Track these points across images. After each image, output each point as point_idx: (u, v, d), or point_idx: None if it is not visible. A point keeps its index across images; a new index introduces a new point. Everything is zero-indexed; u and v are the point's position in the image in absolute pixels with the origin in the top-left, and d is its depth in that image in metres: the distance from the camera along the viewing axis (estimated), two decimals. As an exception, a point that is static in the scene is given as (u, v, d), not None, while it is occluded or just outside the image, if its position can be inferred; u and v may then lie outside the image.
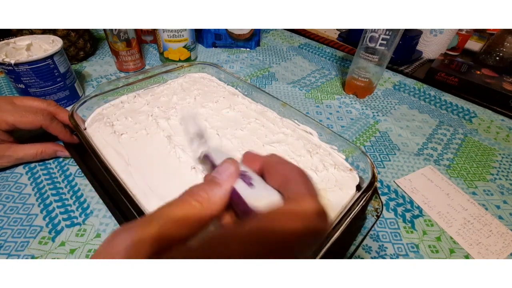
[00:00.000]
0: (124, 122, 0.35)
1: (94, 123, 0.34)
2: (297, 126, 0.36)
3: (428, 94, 0.58)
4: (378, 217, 0.28)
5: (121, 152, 0.31)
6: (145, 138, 0.33)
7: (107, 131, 0.33)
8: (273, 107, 0.39)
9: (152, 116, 0.36)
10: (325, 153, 0.33)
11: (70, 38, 0.53)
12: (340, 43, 0.79)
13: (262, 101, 0.40)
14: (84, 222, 0.30)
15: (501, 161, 0.43)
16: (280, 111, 0.38)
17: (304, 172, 0.17)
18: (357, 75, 0.52)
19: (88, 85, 0.52)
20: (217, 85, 0.44)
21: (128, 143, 0.32)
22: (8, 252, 0.27)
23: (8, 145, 0.32)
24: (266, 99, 0.40)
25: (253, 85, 0.41)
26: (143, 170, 0.29)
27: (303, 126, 0.36)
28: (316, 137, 0.35)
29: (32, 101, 0.34)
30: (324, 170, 0.30)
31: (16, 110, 0.32)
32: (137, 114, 0.36)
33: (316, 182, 0.29)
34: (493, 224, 0.33)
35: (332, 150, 0.33)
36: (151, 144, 0.32)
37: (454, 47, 0.77)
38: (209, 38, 0.69)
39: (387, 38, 0.46)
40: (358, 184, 0.30)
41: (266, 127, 0.36)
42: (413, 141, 0.46)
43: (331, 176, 0.30)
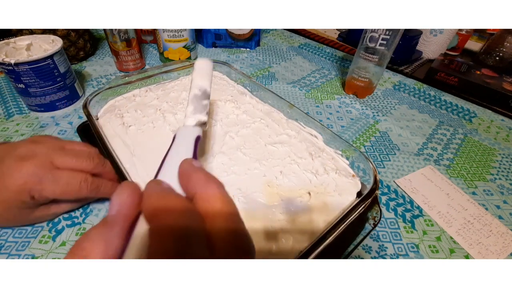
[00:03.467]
0: (134, 114, 0.36)
1: (106, 114, 0.36)
2: (303, 129, 0.36)
3: (428, 94, 0.58)
4: (375, 225, 0.27)
5: (128, 142, 0.32)
6: (151, 131, 0.34)
7: (117, 122, 0.34)
8: (280, 108, 0.39)
9: (160, 110, 0.37)
10: (328, 157, 0.32)
11: (70, 38, 0.53)
12: (340, 43, 0.79)
13: (270, 102, 0.40)
14: (84, 221, 0.30)
15: (501, 161, 0.43)
16: (286, 112, 0.38)
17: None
18: (357, 75, 0.52)
19: (88, 85, 0.52)
20: (227, 84, 0.45)
21: (135, 134, 0.33)
22: (8, 252, 0.27)
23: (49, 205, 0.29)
24: (274, 100, 0.40)
25: (262, 86, 0.41)
26: (146, 161, 0.30)
27: (308, 129, 0.35)
28: (321, 141, 0.34)
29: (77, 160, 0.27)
30: (325, 174, 0.30)
31: (58, 182, 0.26)
32: (146, 107, 0.37)
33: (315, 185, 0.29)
34: (493, 224, 0.33)
35: (336, 154, 0.33)
36: (156, 137, 0.33)
37: (454, 47, 0.77)
38: (209, 38, 0.69)
39: (387, 38, 0.46)
40: (360, 190, 0.29)
41: (270, 127, 0.36)
42: (413, 141, 0.46)
43: (331, 181, 0.30)
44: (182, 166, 0.18)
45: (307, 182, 0.29)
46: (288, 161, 0.31)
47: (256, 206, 0.26)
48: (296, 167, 0.31)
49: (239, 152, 0.32)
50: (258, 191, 0.28)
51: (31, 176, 0.25)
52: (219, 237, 0.14)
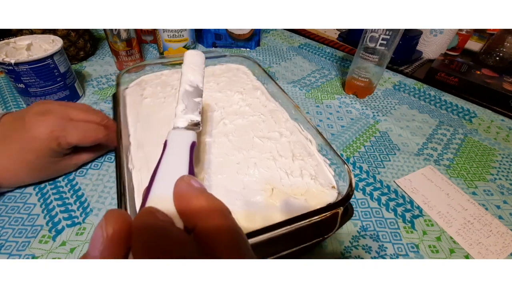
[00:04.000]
0: (153, 89, 0.40)
1: (134, 86, 0.41)
2: (301, 131, 0.35)
3: (428, 94, 0.58)
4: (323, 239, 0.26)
5: (138, 111, 0.36)
6: (161, 105, 0.37)
7: (138, 93, 0.39)
8: (287, 108, 0.39)
9: (175, 89, 0.40)
10: (313, 163, 0.31)
11: (70, 38, 0.53)
12: (340, 43, 0.79)
13: (280, 101, 0.40)
14: (84, 221, 0.30)
15: (501, 161, 0.43)
16: (291, 113, 0.38)
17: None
18: (357, 75, 0.52)
19: (88, 85, 0.52)
20: (246, 78, 0.46)
21: (147, 106, 0.37)
22: (9, 252, 0.27)
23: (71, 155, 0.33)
24: (284, 100, 0.39)
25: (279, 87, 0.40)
26: (146, 126, 0.34)
27: (305, 132, 0.35)
28: (313, 146, 0.33)
29: (87, 114, 0.33)
30: (299, 177, 0.29)
31: (78, 129, 0.31)
32: (166, 85, 0.42)
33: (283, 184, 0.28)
34: (493, 224, 0.33)
35: (325, 163, 0.31)
36: (163, 110, 0.36)
37: (454, 47, 0.77)
38: (209, 38, 0.69)
39: (387, 38, 0.46)
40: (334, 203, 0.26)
41: (266, 123, 0.36)
42: (413, 141, 0.46)
43: (303, 185, 0.29)
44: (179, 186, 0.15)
45: (277, 180, 0.29)
46: (267, 156, 0.31)
47: (217, 188, 0.27)
48: (272, 163, 0.30)
49: (225, 137, 0.33)
50: (226, 175, 0.29)
51: (56, 126, 0.30)
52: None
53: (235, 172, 0.29)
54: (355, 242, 0.31)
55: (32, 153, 0.29)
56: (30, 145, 0.29)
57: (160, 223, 0.13)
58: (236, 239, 0.14)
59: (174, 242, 0.13)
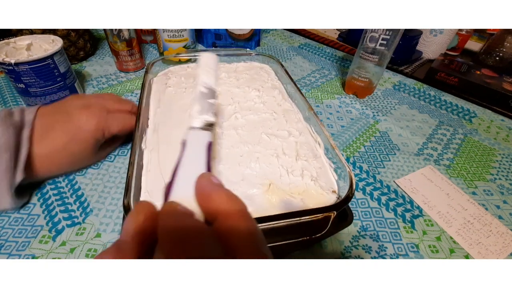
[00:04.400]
0: (177, 80, 0.43)
1: (161, 75, 0.45)
2: (312, 133, 0.35)
3: (428, 94, 0.58)
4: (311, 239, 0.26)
5: (160, 98, 0.39)
6: (181, 94, 0.40)
7: (163, 82, 0.42)
8: (302, 110, 0.39)
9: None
10: (317, 165, 0.31)
11: (70, 38, 0.53)
12: (340, 43, 0.79)
13: (296, 102, 0.40)
14: (84, 221, 0.30)
15: (501, 161, 0.43)
16: (305, 115, 0.37)
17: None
18: (357, 75, 0.52)
19: (88, 85, 0.52)
20: (267, 76, 0.47)
21: (169, 94, 0.40)
22: (9, 252, 0.27)
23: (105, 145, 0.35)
24: (300, 101, 0.39)
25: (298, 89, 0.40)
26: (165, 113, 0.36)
27: (315, 135, 0.34)
28: (321, 149, 0.33)
29: (120, 104, 0.36)
30: (299, 176, 0.29)
31: (117, 120, 0.34)
32: (190, 77, 0.44)
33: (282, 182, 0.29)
34: (493, 224, 0.33)
35: (329, 167, 0.31)
36: (182, 99, 0.39)
37: (454, 47, 0.77)
38: (209, 38, 0.69)
39: (387, 38, 0.46)
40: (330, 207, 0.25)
41: (277, 121, 0.37)
42: (413, 141, 0.46)
43: (302, 185, 0.28)
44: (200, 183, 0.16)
45: (276, 176, 0.29)
46: (271, 152, 0.32)
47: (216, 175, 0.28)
48: (274, 159, 0.31)
49: (234, 130, 0.34)
50: (228, 166, 0.29)
51: (100, 118, 0.32)
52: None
53: (237, 164, 0.30)
54: (355, 242, 0.31)
55: (79, 144, 0.31)
56: (78, 136, 0.31)
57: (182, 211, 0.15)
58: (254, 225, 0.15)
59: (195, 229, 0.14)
